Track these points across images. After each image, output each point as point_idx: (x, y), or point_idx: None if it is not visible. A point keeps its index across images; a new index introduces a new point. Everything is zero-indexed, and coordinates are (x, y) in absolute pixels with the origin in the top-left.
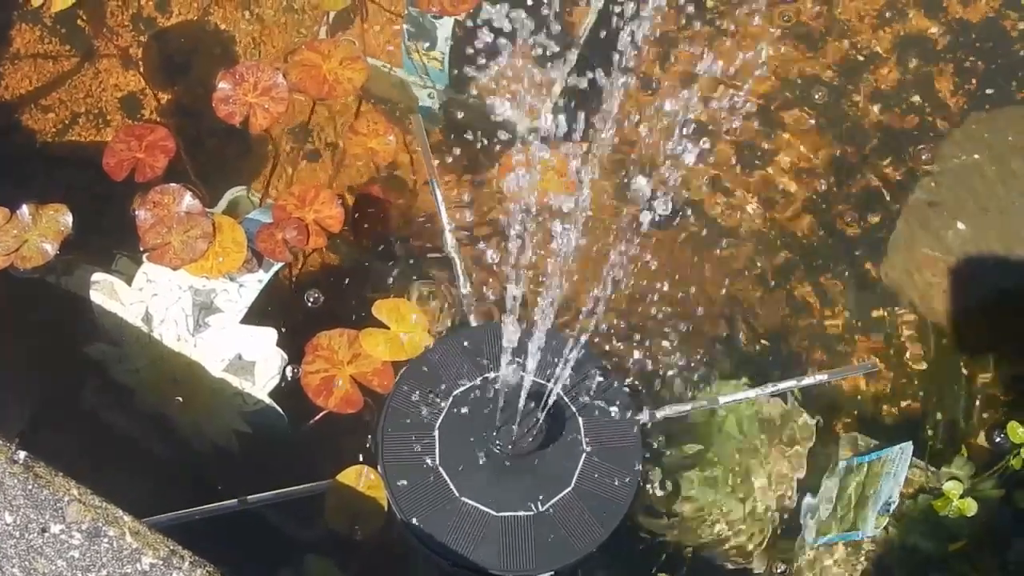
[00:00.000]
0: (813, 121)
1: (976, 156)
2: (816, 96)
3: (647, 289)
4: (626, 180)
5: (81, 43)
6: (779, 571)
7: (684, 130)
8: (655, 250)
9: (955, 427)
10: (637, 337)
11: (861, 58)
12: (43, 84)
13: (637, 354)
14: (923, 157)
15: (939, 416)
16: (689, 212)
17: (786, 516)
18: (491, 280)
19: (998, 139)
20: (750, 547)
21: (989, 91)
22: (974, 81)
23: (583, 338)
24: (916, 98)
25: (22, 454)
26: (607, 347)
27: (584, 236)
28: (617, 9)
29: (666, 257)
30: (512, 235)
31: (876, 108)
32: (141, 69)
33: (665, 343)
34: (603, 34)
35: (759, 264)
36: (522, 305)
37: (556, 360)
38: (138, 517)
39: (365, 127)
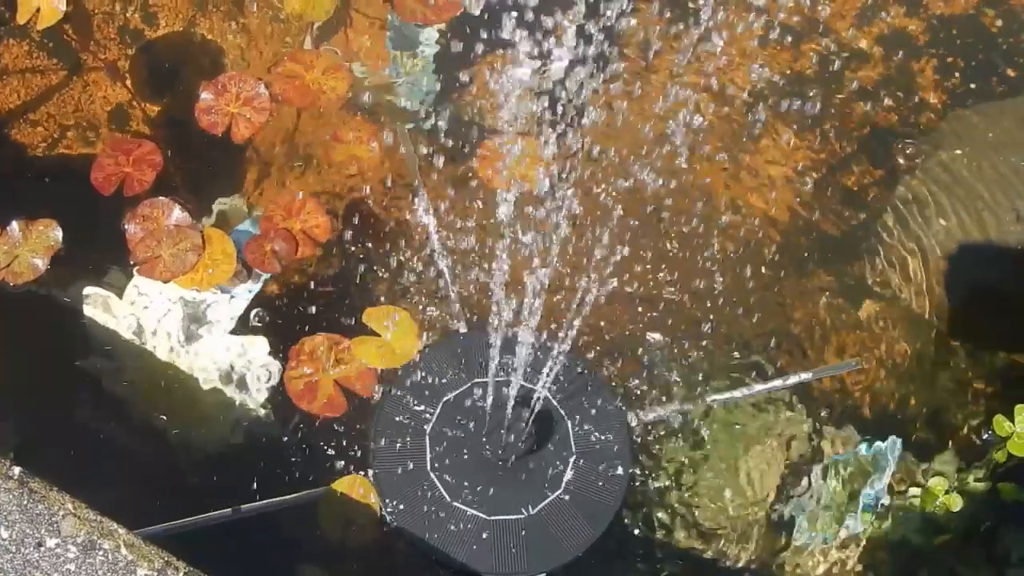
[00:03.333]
0: (796, 119)
1: (957, 152)
2: (799, 94)
3: (633, 291)
4: (612, 179)
5: (69, 57)
6: (769, 568)
7: (671, 128)
8: (640, 251)
9: (941, 422)
10: (624, 339)
11: (843, 56)
12: (32, 99)
13: (624, 356)
14: (906, 153)
15: (925, 411)
16: (674, 212)
17: (775, 514)
18: (479, 286)
19: (979, 135)
20: (740, 545)
21: (971, 87)
22: (955, 77)
23: (570, 341)
24: (898, 95)
25: (17, 469)
26: (594, 350)
27: (569, 233)
28: (601, 9)
29: (651, 258)
30: (498, 232)
31: (859, 105)
32: (129, 82)
33: (652, 344)
34: (588, 34)
35: (744, 264)
36: (510, 310)
37: (544, 365)
38: (132, 528)
39: (349, 135)
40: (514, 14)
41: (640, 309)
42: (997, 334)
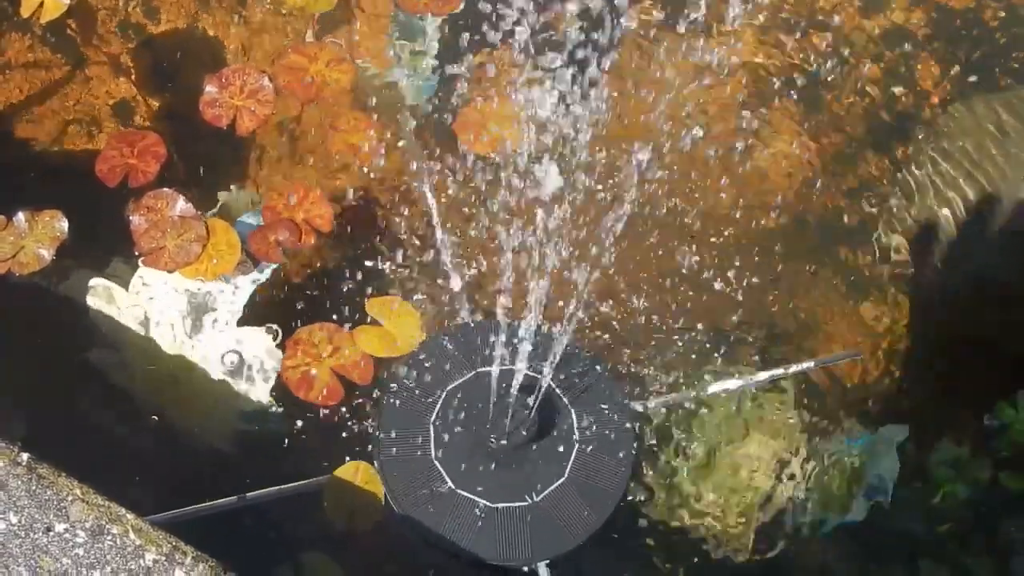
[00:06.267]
0: (798, 112)
1: (959, 144)
2: (800, 87)
3: (636, 279)
4: (613, 168)
5: (72, 51)
6: (770, 556)
7: (671, 118)
8: (641, 240)
9: (944, 411)
10: (627, 327)
11: (847, 48)
12: (35, 93)
13: (627, 344)
14: (907, 146)
15: (928, 400)
16: (676, 203)
17: (776, 502)
18: (482, 275)
19: (980, 127)
20: (742, 533)
21: (971, 79)
22: (957, 69)
23: (573, 330)
24: (899, 88)
25: (25, 456)
26: (597, 338)
27: (568, 218)
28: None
29: (654, 248)
30: (502, 217)
31: (860, 98)
32: (132, 76)
33: (655, 333)
34: (586, 28)
35: (745, 253)
36: (513, 298)
37: (547, 353)
38: (140, 515)
39: (346, 124)
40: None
41: (641, 298)
42: (1000, 324)
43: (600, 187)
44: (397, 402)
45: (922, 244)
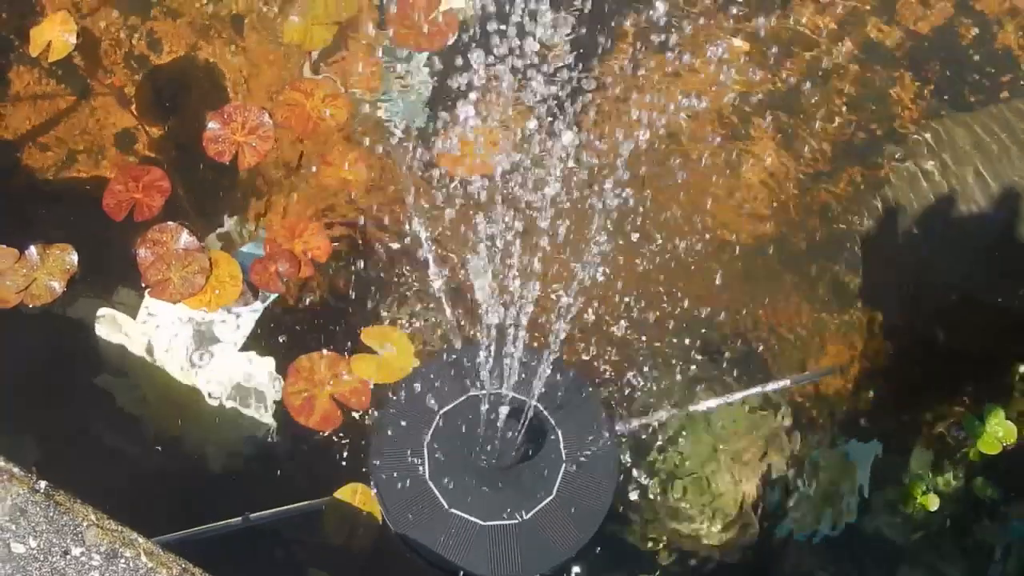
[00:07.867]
0: (776, 131)
1: (932, 161)
2: (778, 106)
3: (618, 301)
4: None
5: (77, 83)
6: (749, 565)
7: (653, 141)
8: (623, 263)
9: (917, 422)
10: (610, 348)
11: (822, 68)
12: (42, 124)
13: (611, 364)
14: (882, 163)
15: (902, 412)
16: (657, 223)
17: (756, 514)
18: (472, 301)
19: (951, 147)
20: (725, 544)
21: (944, 98)
22: (930, 88)
23: (558, 353)
24: (874, 107)
25: (43, 483)
26: (582, 360)
27: (552, 240)
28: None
29: (634, 270)
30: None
31: (838, 117)
32: (135, 107)
33: (637, 353)
34: (573, 58)
35: (724, 272)
36: (501, 324)
37: (534, 376)
38: (149, 537)
39: (338, 157)
40: (506, 32)
41: (624, 319)
42: (969, 337)
43: (582, 208)
44: (393, 426)
45: (898, 259)
